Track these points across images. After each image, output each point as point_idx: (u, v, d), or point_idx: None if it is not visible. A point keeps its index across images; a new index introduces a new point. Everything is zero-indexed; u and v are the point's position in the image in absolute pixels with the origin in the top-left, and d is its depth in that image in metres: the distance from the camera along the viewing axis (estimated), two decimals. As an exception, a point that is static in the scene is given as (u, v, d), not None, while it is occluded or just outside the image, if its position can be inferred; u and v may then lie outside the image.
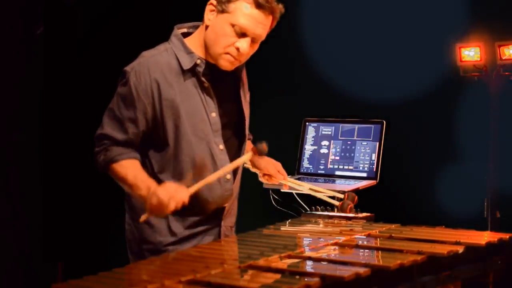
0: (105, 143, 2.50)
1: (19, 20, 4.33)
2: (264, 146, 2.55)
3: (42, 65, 4.50)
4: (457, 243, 2.33)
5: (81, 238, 4.78)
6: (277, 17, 2.50)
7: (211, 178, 2.49)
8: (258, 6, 2.43)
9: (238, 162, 2.58)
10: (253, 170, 3.01)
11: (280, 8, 2.49)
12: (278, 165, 2.99)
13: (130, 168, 2.47)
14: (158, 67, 2.48)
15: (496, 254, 2.46)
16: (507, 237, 2.47)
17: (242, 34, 2.45)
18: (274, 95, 5.21)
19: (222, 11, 2.44)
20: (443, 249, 2.22)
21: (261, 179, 3.03)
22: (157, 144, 2.52)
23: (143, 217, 2.41)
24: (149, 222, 2.52)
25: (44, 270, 4.49)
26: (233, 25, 2.43)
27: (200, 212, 2.55)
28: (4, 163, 4.26)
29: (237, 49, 2.46)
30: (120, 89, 2.51)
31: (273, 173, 2.97)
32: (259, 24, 2.45)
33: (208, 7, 2.47)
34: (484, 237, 2.44)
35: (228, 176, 2.58)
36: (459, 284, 2.35)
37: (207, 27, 2.48)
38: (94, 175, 4.48)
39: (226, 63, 2.50)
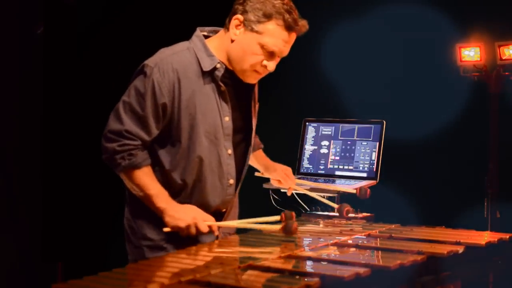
0: (129, 144, 2.45)
1: (19, 20, 4.32)
2: (293, 214, 2.55)
3: (42, 65, 4.51)
4: (457, 243, 2.33)
5: (81, 238, 4.78)
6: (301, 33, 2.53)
7: (237, 224, 2.57)
8: (288, 28, 2.46)
9: (266, 219, 2.56)
10: (265, 175, 3.15)
11: (305, 25, 2.50)
12: (288, 170, 3.10)
13: (150, 176, 2.48)
14: (181, 66, 2.48)
15: (496, 254, 2.46)
16: (507, 237, 2.47)
17: (270, 53, 2.48)
18: (274, 95, 5.21)
19: (252, 30, 2.46)
20: (443, 249, 2.22)
21: (272, 182, 3.16)
22: (167, 142, 2.51)
23: (166, 229, 2.45)
24: (149, 219, 2.53)
25: (44, 270, 4.49)
26: (262, 45, 2.46)
27: None
28: (4, 163, 4.26)
29: (265, 66, 2.50)
30: (139, 84, 2.47)
31: (282, 179, 3.10)
32: (288, 44, 2.50)
33: (234, 22, 2.47)
34: (484, 237, 2.44)
35: (231, 181, 2.59)
36: (459, 284, 2.35)
37: (232, 40, 2.49)
38: (94, 175, 4.48)
39: (252, 80, 2.57)
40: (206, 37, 2.59)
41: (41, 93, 4.50)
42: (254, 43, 2.46)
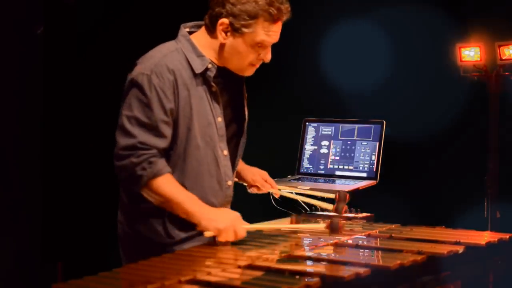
0: (145, 153, 2.38)
1: (19, 20, 4.33)
2: (341, 224, 2.56)
3: (42, 65, 4.51)
4: (457, 243, 2.33)
5: (81, 238, 4.78)
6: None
7: (273, 226, 2.57)
8: (275, 20, 2.46)
9: (312, 227, 2.64)
10: (240, 182, 2.97)
11: (288, 8, 2.49)
12: (265, 174, 2.99)
13: (174, 183, 2.42)
14: (175, 67, 2.46)
15: (496, 254, 2.46)
16: (507, 237, 2.47)
17: (264, 47, 2.49)
18: (274, 95, 5.21)
19: (242, 34, 2.45)
20: (443, 249, 2.22)
21: (249, 190, 3.01)
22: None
23: (208, 233, 2.38)
24: (145, 223, 2.49)
25: (44, 270, 4.49)
26: (255, 44, 2.47)
27: None
28: (4, 163, 4.26)
29: (261, 59, 2.52)
30: (140, 95, 2.41)
31: (260, 184, 2.97)
32: (278, 33, 2.50)
33: (220, 27, 2.45)
34: (484, 237, 2.44)
35: (230, 183, 2.57)
36: (459, 284, 2.35)
37: (222, 44, 2.48)
38: (94, 175, 4.48)
39: (249, 73, 2.57)
40: (190, 33, 2.57)
41: (41, 93, 4.50)
42: (248, 44, 2.46)
